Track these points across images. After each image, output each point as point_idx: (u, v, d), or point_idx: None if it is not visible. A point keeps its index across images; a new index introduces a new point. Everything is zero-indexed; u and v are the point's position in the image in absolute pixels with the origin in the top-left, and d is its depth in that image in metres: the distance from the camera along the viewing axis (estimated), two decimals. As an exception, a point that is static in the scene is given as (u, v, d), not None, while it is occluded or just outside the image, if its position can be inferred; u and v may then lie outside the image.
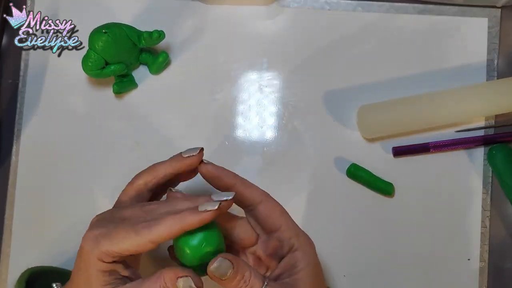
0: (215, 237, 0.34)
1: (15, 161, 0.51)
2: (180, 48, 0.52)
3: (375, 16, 0.52)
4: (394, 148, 0.50)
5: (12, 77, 0.53)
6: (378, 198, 0.50)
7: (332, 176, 0.50)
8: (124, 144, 0.51)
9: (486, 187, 0.50)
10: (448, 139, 0.50)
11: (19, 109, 0.52)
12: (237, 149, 0.51)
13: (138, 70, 0.52)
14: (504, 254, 0.49)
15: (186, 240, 0.34)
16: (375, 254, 0.49)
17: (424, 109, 0.48)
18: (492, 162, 0.49)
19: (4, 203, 0.51)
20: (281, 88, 0.51)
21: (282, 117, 0.51)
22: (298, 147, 0.51)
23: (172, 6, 0.52)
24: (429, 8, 0.52)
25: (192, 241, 0.33)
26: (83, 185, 0.51)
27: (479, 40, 0.51)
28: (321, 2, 0.52)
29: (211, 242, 0.34)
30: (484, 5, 0.51)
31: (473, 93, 0.48)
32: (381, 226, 0.50)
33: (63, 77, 0.52)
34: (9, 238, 0.50)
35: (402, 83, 0.51)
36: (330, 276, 0.49)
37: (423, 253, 0.49)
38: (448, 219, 0.49)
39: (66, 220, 0.51)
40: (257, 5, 0.52)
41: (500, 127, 0.50)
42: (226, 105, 0.51)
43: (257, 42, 0.52)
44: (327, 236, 0.49)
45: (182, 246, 0.34)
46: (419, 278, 0.49)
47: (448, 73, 0.51)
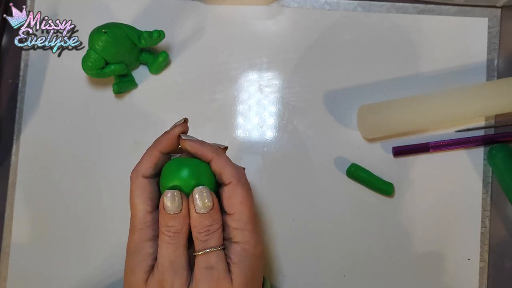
0: (203, 174, 0.36)
1: (15, 161, 0.51)
2: (180, 48, 0.52)
3: (375, 16, 0.52)
4: (394, 148, 0.50)
5: (12, 77, 0.53)
6: (378, 198, 0.50)
7: (332, 176, 0.50)
8: (124, 144, 0.51)
9: (486, 187, 0.50)
10: (448, 139, 0.50)
11: (19, 109, 0.52)
12: (237, 149, 0.51)
13: (138, 70, 0.52)
14: (504, 254, 0.49)
15: (175, 172, 0.36)
16: (375, 254, 0.49)
17: (424, 109, 0.48)
18: (492, 162, 0.49)
19: (4, 203, 0.51)
20: (281, 88, 0.51)
21: (282, 117, 0.51)
22: (298, 147, 0.51)
23: (172, 6, 0.52)
24: (429, 8, 0.52)
25: (182, 172, 0.36)
26: (83, 184, 0.51)
27: (479, 40, 0.51)
28: (321, 2, 0.52)
29: (198, 176, 0.36)
30: (484, 5, 0.51)
31: (473, 93, 0.48)
32: (381, 226, 0.50)
33: (63, 77, 0.52)
34: (9, 238, 0.50)
35: (402, 83, 0.51)
36: (330, 276, 0.49)
37: (423, 253, 0.49)
38: (448, 219, 0.49)
39: (66, 219, 0.51)
40: (257, 5, 0.52)
41: (500, 127, 0.50)
42: (226, 105, 0.51)
43: (257, 42, 0.52)
44: (327, 236, 0.50)
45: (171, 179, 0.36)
46: (419, 278, 0.49)
47: (448, 73, 0.51)
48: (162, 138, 0.38)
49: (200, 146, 0.37)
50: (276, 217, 0.50)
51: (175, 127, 0.38)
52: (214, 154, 0.37)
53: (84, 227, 0.51)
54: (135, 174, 0.37)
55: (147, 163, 0.37)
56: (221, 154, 0.38)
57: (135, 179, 0.37)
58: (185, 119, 0.39)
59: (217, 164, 0.37)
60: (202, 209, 0.35)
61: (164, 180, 0.36)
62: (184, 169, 0.36)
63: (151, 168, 0.37)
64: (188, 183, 0.36)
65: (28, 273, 0.50)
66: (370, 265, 0.49)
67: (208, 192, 0.35)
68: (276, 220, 0.50)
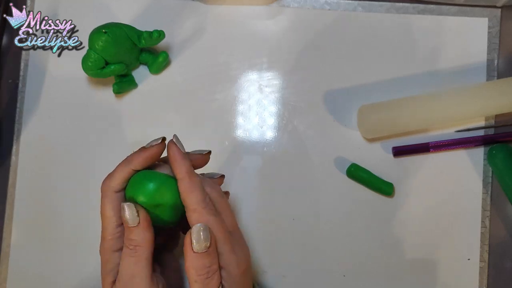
0: (168, 190, 0.35)
1: (15, 161, 0.51)
2: (180, 48, 0.52)
3: (375, 16, 0.52)
4: (394, 148, 0.50)
5: (12, 77, 0.53)
6: (378, 198, 0.50)
7: (332, 176, 0.50)
8: (124, 144, 0.51)
9: (486, 187, 0.50)
10: (448, 139, 0.50)
11: (19, 109, 0.52)
12: (237, 149, 0.51)
13: (138, 70, 0.52)
14: (504, 254, 0.49)
15: (139, 186, 0.35)
16: (375, 254, 0.49)
17: (424, 109, 0.48)
18: (492, 162, 0.49)
19: (4, 203, 0.51)
20: (281, 88, 0.51)
21: (282, 117, 0.51)
22: (298, 147, 0.51)
23: (172, 6, 0.52)
24: (429, 8, 0.52)
25: (147, 185, 0.35)
26: (83, 184, 0.51)
27: (479, 40, 0.51)
28: (321, 2, 0.52)
29: (165, 193, 0.35)
30: (484, 5, 0.51)
31: (473, 93, 0.48)
32: (381, 226, 0.50)
33: (63, 77, 0.52)
34: (9, 238, 0.50)
35: (402, 83, 0.51)
36: (330, 276, 0.49)
37: (423, 253, 0.49)
38: (448, 219, 0.49)
39: (66, 219, 0.51)
40: (257, 5, 0.52)
41: (500, 127, 0.50)
42: (226, 105, 0.51)
43: (257, 42, 0.52)
44: (327, 236, 0.49)
45: (134, 192, 0.35)
46: (419, 278, 0.49)
47: (448, 73, 0.51)
48: (136, 155, 0.37)
49: (181, 160, 0.36)
50: (276, 217, 0.50)
51: (152, 146, 0.37)
52: (187, 175, 0.35)
53: (84, 227, 0.51)
54: (106, 187, 0.36)
55: (118, 179, 0.36)
56: (193, 176, 0.36)
57: (106, 192, 0.36)
58: (163, 138, 0.37)
59: (185, 187, 0.35)
60: (200, 248, 0.33)
61: (128, 192, 0.36)
62: (148, 183, 0.35)
63: (121, 184, 0.36)
64: (151, 198, 0.35)
65: (28, 273, 0.50)
66: (370, 265, 0.49)
67: (207, 231, 0.34)
68: (276, 220, 0.50)
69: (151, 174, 0.36)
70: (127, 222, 0.34)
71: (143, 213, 0.35)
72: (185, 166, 0.36)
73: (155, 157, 0.37)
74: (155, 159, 0.37)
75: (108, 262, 0.36)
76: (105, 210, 0.36)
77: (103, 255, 0.36)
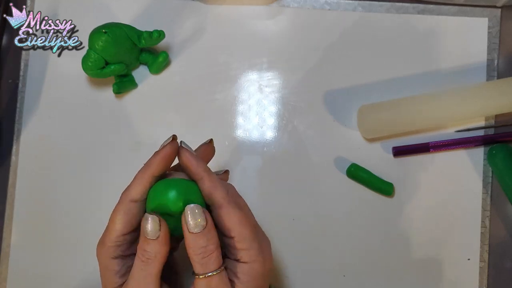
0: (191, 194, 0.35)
1: (15, 161, 0.51)
2: (180, 48, 0.52)
3: (375, 16, 0.52)
4: (394, 148, 0.50)
5: (12, 77, 0.53)
6: (378, 198, 0.50)
7: (332, 176, 0.50)
8: (124, 144, 0.51)
9: (486, 187, 0.50)
10: (448, 139, 0.50)
11: (19, 109, 0.52)
12: (237, 149, 0.51)
13: (138, 70, 0.52)
14: (504, 254, 0.49)
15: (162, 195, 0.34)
16: (375, 254, 0.49)
17: (424, 109, 0.48)
18: (492, 162, 0.49)
19: (4, 203, 0.51)
20: (281, 88, 0.51)
21: (282, 117, 0.51)
22: (298, 147, 0.51)
23: (172, 6, 0.52)
24: (429, 8, 0.52)
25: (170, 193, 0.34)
26: (83, 184, 0.51)
27: (479, 40, 0.51)
28: (321, 2, 0.52)
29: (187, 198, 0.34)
30: (484, 5, 0.51)
31: (473, 93, 0.48)
32: (381, 226, 0.50)
33: (63, 77, 0.52)
34: (9, 238, 0.50)
35: (402, 83, 0.51)
36: (330, 276, 0.49)
37: (423, 253, 0.49)
38: (448, 219, 0.49)
39: (66, 219, 0.51)
40: (257, 5, 0.52)
41: (500, 127, 0.50)
42: (226, 105, 0.51)
43: (257, 42, 0.52)
44: (327, 236, 0.49)
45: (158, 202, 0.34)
46: (419, 277, 0.49)
47: (448, 73, 0.51)
48: (153, 160, 0.36)
49: (195, 162, 0.36)
50: (276, 217, 0.50)
51: (164, 146, 0.36)
52: (205, 174, 0.35)
53: (84, 227, 0.51)
54: (125, 196, 0.36)
55: (138, 188, 0.35)
56: (211, 174, 0.36)
57: (123, 200, 0.36)
58: (173, 136, 0.37)
59: (207, 185, 0.35)
60: (195, 228, 0.33)
61: (150, 203, 0.35)
62: (171, 190, 0.34)
63: (141, 193, 0.35)
64: (176, 205, 0.34)
65: (28, 273, 0.50)
66: (370, 265, 0.49)
67: (200, 210, 0.34)
68: (276, 220, 0.50)
69: (171, 181, 0.35)
70: (147, 234, 0.34)
71: (164, 228, 0.34)
72: (201, 166, 0.36)
73: (171, 157, 0.36)
74: (171, 160, 0.37)
75: (107, 268, 0.35)
76: (116, 216, 0.35)
77: (101, 260, 0.35)
